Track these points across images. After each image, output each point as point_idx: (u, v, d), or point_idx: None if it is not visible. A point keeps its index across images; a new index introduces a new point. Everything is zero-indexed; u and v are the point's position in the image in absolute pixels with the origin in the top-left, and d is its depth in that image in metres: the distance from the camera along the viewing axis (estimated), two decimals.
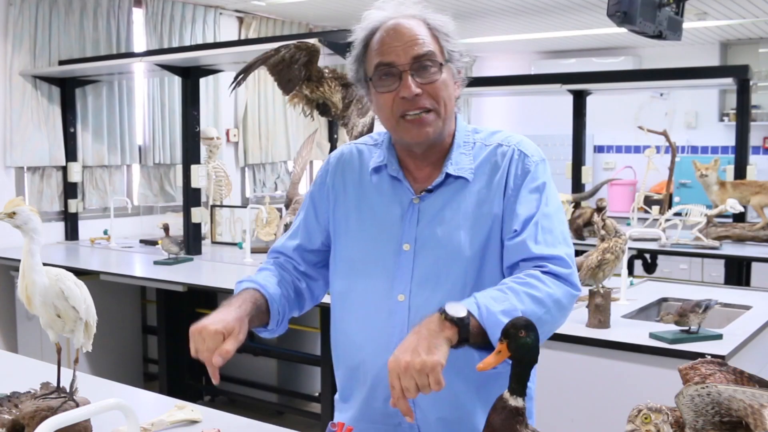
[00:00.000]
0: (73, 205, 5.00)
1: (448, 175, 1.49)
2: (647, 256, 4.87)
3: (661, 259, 5.08)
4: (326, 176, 1.61)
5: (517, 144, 1.51)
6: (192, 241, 4.51)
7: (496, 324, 1.24)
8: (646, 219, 5.15)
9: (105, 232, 5.05)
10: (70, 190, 4.98)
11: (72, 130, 4.95)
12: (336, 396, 1.65)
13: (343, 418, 1.57)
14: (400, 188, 1.52)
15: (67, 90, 4.92)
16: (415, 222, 1.48)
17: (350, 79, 1.54)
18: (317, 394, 4.16)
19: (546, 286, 1.35)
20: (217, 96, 5.81)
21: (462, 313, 1.25)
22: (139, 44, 5.40)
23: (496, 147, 1.51)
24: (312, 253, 1.63)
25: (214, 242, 4.98)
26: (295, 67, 3.34)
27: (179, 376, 4.41)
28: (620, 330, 2.62)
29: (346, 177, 1.58)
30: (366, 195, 1.55)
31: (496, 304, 1.28)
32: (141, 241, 5.02)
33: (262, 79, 6.08)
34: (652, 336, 2.49)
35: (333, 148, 4.89)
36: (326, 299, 1.66)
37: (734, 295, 3.26)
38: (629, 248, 3.38)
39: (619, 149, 7.97)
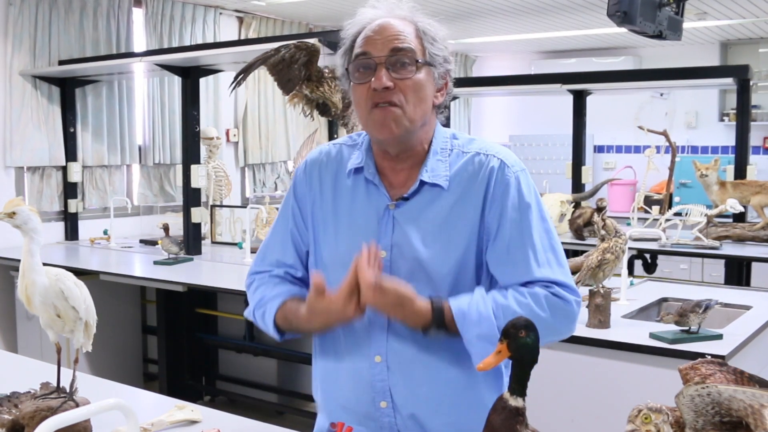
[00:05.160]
0: (73, 205, 5.00)
1: (422, 183, 1.47)
2: (647, 256, 4.87)
3: (661, 259, 5.08)
4: (305, 176, 1.58)
5: (496, 153, 1.48)
6: (192, 241, 4.51)
7: (470, 341, 1.39)
8: (646, 219, 5.14)
9: (105, 232, 5.05)
10: (70, 190, 4.98)
11: (72, 130, 4.95)
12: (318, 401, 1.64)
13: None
14: (376, 193, 1.50)
15: (67, 90, 4.91)
16: (390, 229, 1.47)
17: (338, 74, 1.53)
18: None
19: (545, 312, 1.39)
20: (217, 96, 5.81)
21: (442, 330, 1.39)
22: (139, 44, 5.40)
23: (473, 155, 1.48)
24: (306, 256, 1.59)
25: (214, 242, 4.98)
26: (295, 67, 3.34)
27: (179, 376, 4.41)
28: (620, 330, 2.61)
29: (323, 177, 1.56)
30: (342, 197, 1.53)
31: (479, 326, 1.38)
32: (141, 241, 5.02)
33: (262, 79, 6.07)
34: (652, 336, 2.49)
35: None
36: None
37: (734, 295, 3.26)
38: (629, 248, 3.38)
39: (619, 149, 7.97)
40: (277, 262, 1.59)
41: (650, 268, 4.91)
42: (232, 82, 3.44)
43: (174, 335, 4.39)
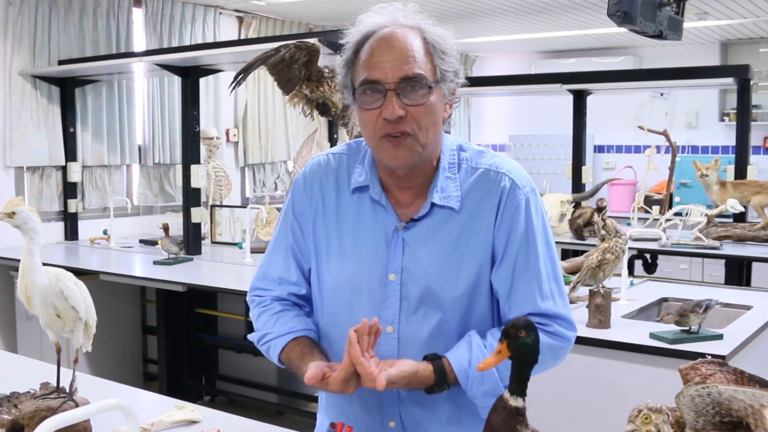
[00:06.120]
0: (73, 205, 5.00)
1: (434, 204, 1.42)
2: (647, 256, 4.87)
3: (661, 259, 5.08)
4: (305, 189, 1.52)
5: (507, 172, 1.43)
6: (192, 241, 4.51)
7: (475, 397, 1.40)
8: (647, 219, 5.14)
9: (105, 232, 5.05)
10: (69, 190, 4.98)
11: (72, 129, 4.95)
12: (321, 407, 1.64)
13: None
14: (384, 213, 1.44)
15: (67, 90, 4.91)
16: (400, 251, 1.42)
17: (338, 83, 1.45)
18: (317, 394, 4.16)
19: (542, 354, 1.21)
20: (217, 96, 5.81)
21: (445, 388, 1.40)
22: (139, 44, 5.40)
23: (484, 173, 1.43)
24: (309, 272, 1.55)
25: (213, 242, 4.98)
26: (295, 66, 3.34)
27: (179, 376, 4.41)
28: (620, 330, 2.61)
29: (324, 190, 1.50)
30: (346, 215, 1.47)
31: (483, 383, 1.38)
32: (141, 241, 5.02)
33: (262, 79, 6.07)
34: (653, 336, 2.49)
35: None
36: None
37: (734, 295, 3.26)
38: (629, 248, 3.38)
39: (619, 149, 7.97)
40: (280, 280, 1.55)
41: (650, 268, 4.91)
42: (232, 82, 3.44)
43: (174, 335, 4.39)
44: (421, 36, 1.37)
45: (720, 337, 2.50)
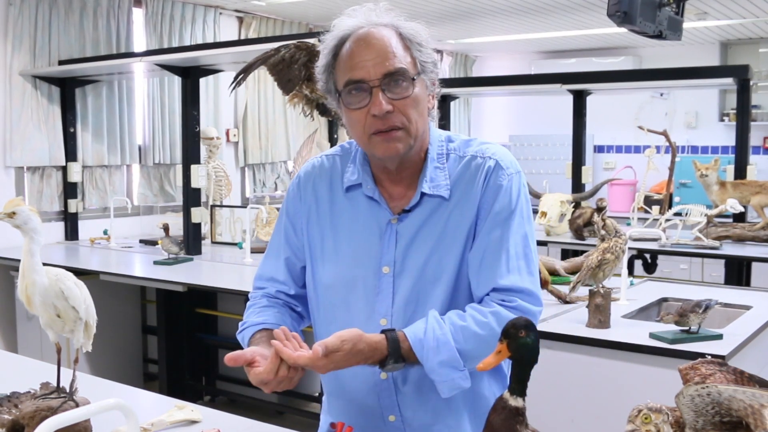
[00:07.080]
0: (73, 205, 5.00)
1: (423, 194, 1.45)
2: (647, 256, 4.87)
3: (661, 259, 5.08)
4: (299, 191, 1.56)
5: (492, 155, 1.46)
6: (192, 241, 4.51)
7: (433, 370, 1.35)
8: (646, 219, 5.14)
9: (105, 232, 5.05)
10: (70, 190, 4.98)
11: (72, 130, 4.95)
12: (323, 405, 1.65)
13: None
14: (377, 208, 1.47)
15: (67, 90, 4.91)
16: (393, 244, 1.45)
17: (319, 89, 1.48)
18: (317, 394, 4.16)
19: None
20: (217, 96, 5.81)
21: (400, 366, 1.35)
22: (139, 44, 5.40)
23: (470, 159, 1.46)
24: (301, 272, 1.58)
25: (214, 242, 4.98)
26: (295, 67, 3.34)
27: (179, 376, 4.41)
28: (620, 330, 2.61)
29: (317, 191, 1.53)
30: (340, 213, 1.50)
31: (438, 353, 1.33)
32: (141, 241, 5.02)
33: (262, 79, 6.07)
34: (652, 336, 2.49)
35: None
36: None
37: (734, 295, 3.25)
38: (629, 248, 3.38)
39: (619, 149, 7.97)
40: (271, 279, 1.60)
41: (650, 268, 4.91)
42: (232, 82, 3.44)
43: (174, 335, 4.39)
44: (397, 32, 1.41)
45: (720, 337, 2.50)
